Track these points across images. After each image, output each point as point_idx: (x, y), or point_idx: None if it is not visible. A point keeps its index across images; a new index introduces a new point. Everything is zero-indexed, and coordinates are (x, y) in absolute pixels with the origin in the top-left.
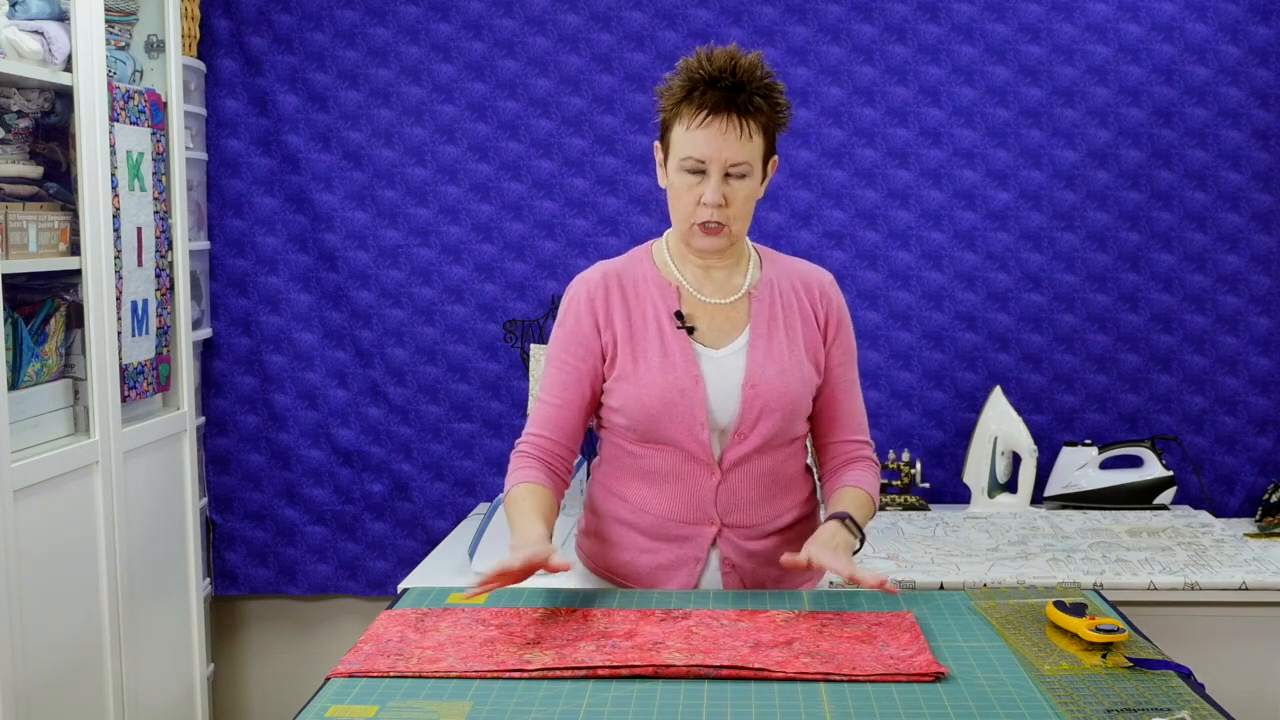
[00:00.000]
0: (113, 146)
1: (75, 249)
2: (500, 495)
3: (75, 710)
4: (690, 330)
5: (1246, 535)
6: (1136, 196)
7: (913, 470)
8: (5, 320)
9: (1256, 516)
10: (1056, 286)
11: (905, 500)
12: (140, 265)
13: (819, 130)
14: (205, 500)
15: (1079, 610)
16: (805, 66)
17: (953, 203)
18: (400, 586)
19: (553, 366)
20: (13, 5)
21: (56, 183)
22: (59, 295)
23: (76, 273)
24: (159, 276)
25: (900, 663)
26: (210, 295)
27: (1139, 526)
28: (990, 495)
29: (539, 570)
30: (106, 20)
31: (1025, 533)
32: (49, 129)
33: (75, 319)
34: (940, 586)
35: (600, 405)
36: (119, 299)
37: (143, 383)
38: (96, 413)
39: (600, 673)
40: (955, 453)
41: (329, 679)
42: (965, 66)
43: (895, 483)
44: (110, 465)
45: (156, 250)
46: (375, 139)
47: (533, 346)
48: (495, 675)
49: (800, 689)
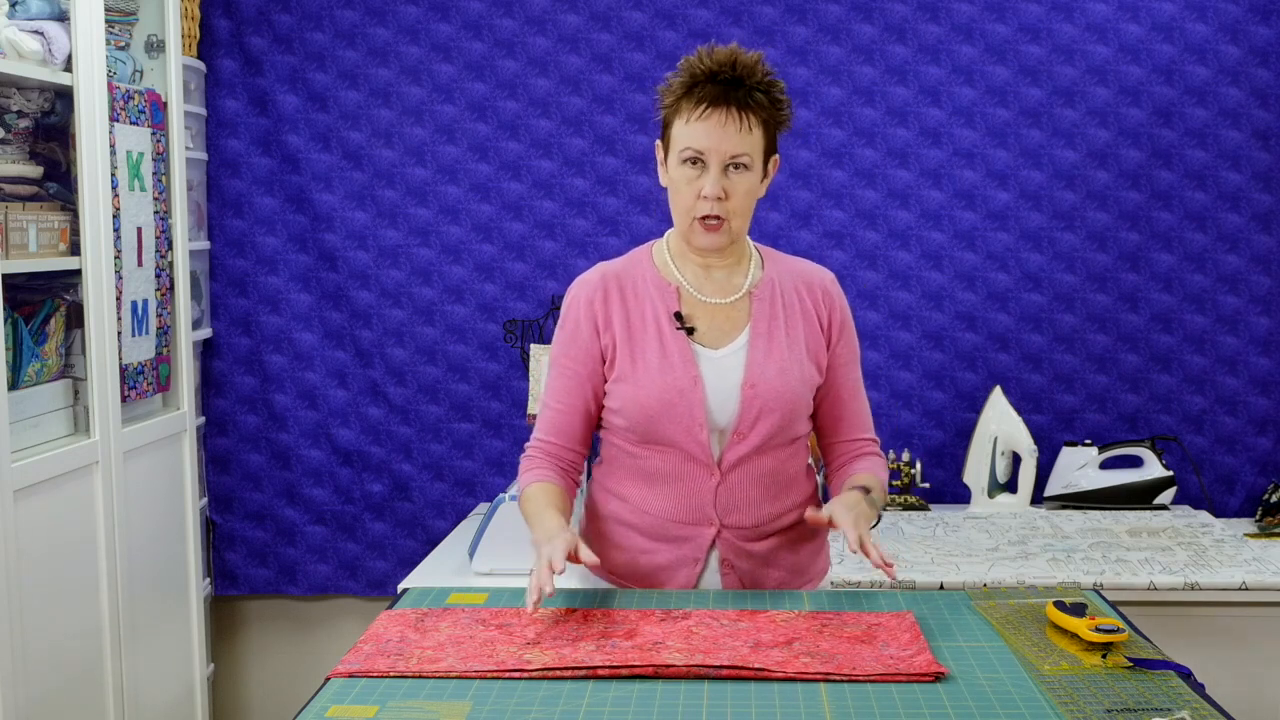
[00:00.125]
0: (113, 146)
1: (75, 249)
2: (500, 495)
3: (75, 710)
4: (690, 331)
5: (1246, 535)
6: (1136, 196)
7: (913, 470)
8: (5, 320)
9: (1256, 516)
10: (1056, 286)
11: (905, 500)
12: (140, 265)
13: (819, 130)
14: (205, 500)
15: (1079, 610)
16: (805, 66)
17: (953, 203)
18: (400, 586)
19: (555, 370)
20: (13, 5)
21: (56, 183)
22: (59, 295)
23: (76, 273)
24: (159, 276)
25: (900, 663)
26: (210, 295)
27: (1139, 526)
28: (990, 495)
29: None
30: (106, 20)
31: (1025, 533)
32: (49, 129)
33: (75, 319)
34: (940, 586)
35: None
36: (119, 299)
37: (143, 383)
38: (96, 413)
39: (600, 673)
40: (955, 453)
41: (329, 679)
42: (965, 66)
43: (895, 483)
44: (110, 465)
45: (156, 250)
46: (375, 139)
47: (533, 346)
48: (495, 675)
49: (800, 689)
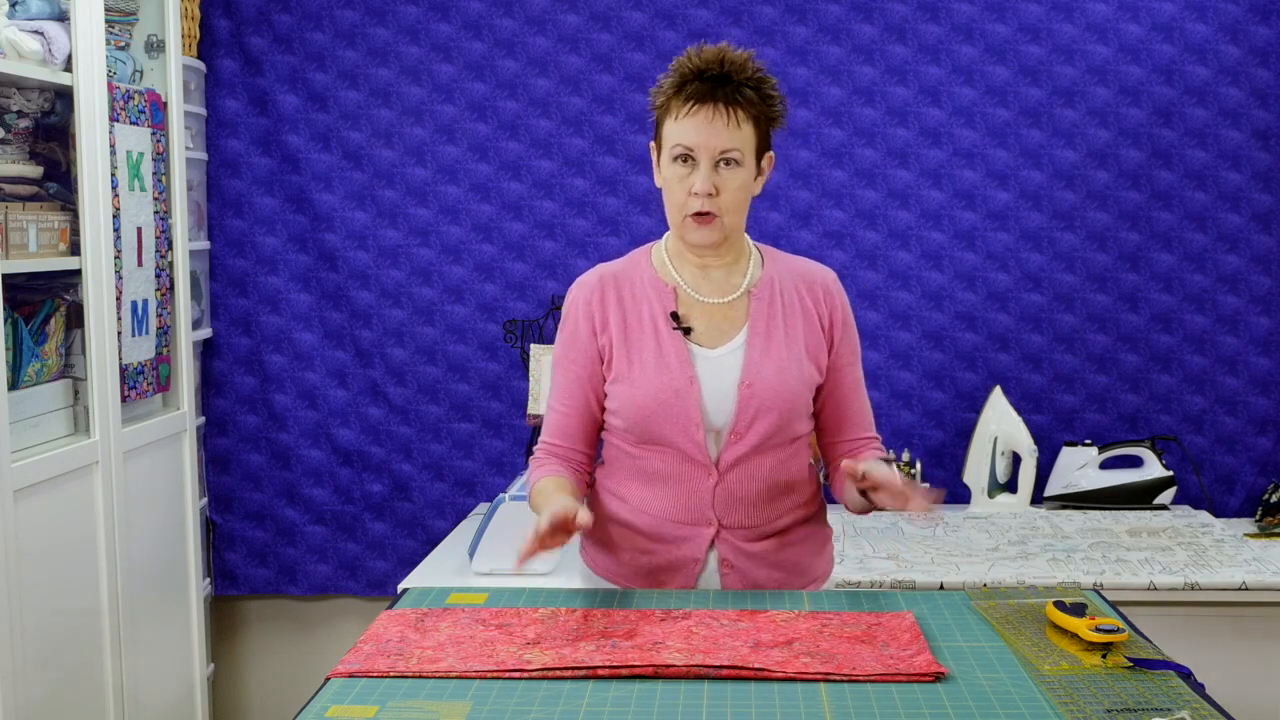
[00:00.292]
0: (113, 146)
1: (75, 249)
2: (500, 495)
3: (75, 710)
4: (686, 331)
5: (1246, 535)
6: (1136, 196)
7: (913, 470)
8: (5, 320)
9: (1256, 516)
10: (1056, 286)
11: None
12: (140, 265)
13: (819, 130)
14: (205, 500)
15: (1079, 610)
16: (805, 66)
17: (953, 203)
18: (400, 586)
19: (558, 373)
20: (13, 5)
21: (56, 183)
22: (59, 295)
23: (76, 273)
24: (159, 276)
25: (900, 663)
26: (210, 295)
27: (1139, 526)
28: (990, 495)
29: (570, 530)
30: (106, 20)
31: (1025, 533)
32: (49, 129)
33: (75, 319)
34: (940, 586)
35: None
36: (119, 299)
37: (143, 383)
38: (96, 413)
39: (600, 673)
40: (955, 453)
41: (329, 679)
42: (965, 66)
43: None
44: (110, 465)
45: (156, 250)
46: (375, 139)
47: (533, 346)
48: (495, 675)
49: (800, 689)
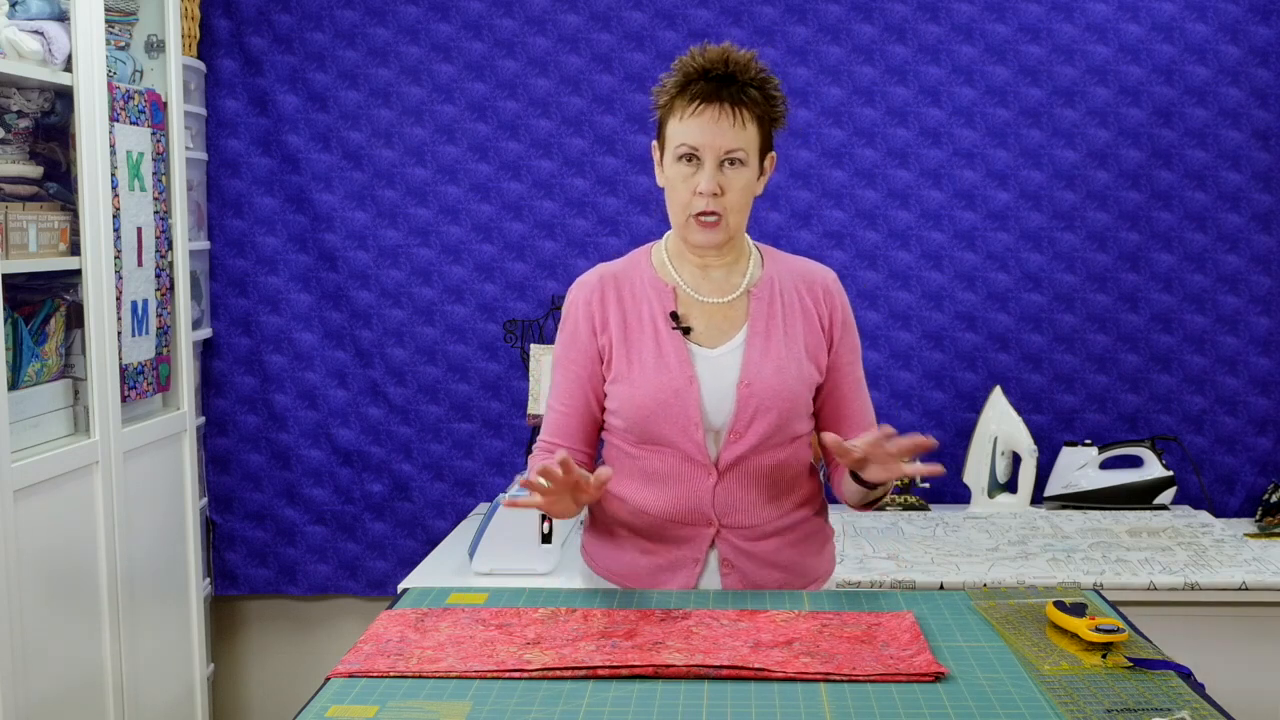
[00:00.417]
0: (113, 146)
1: (75, 249)
2: (500, 495)
3: (75, 710)
4: (686, 330)
5: (1246, 535)
6: (1136, 196)
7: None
8: (5, 320)
9: (1256, 516)
10: (1056, 286)
11: (905, 500)
12: (140, 265)
13: (819, 130)
14: (205, 500)
15: (1079, 610)
16: (805, 66)
17: (953, 203)
18: (400, 586)
19: (558, 372)
20: (13, 5)
21: (56, 183)
22: (59, 295)
23: (76, 273)
24: (159, 276)
25: (900, 663)
26: (210, 295)
27: (1139, 526)
28: (990, 495)
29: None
30: (106, 20)
31: (1025, 533)
32: (49, 129)
33: (75, 319)
34: (940, 586)
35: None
36: (119, 299)
37: (143, 383)
38: (96, 413)
39: (600, 673)
40: (955, 453)
41: (329, 679)
42: (965, 66)
43: (895, 483)
44: (110, 465)
45: (156, 250)
46: (375, 139)
47: (533, 346)
48: (495, 675)
49: (800, 689)
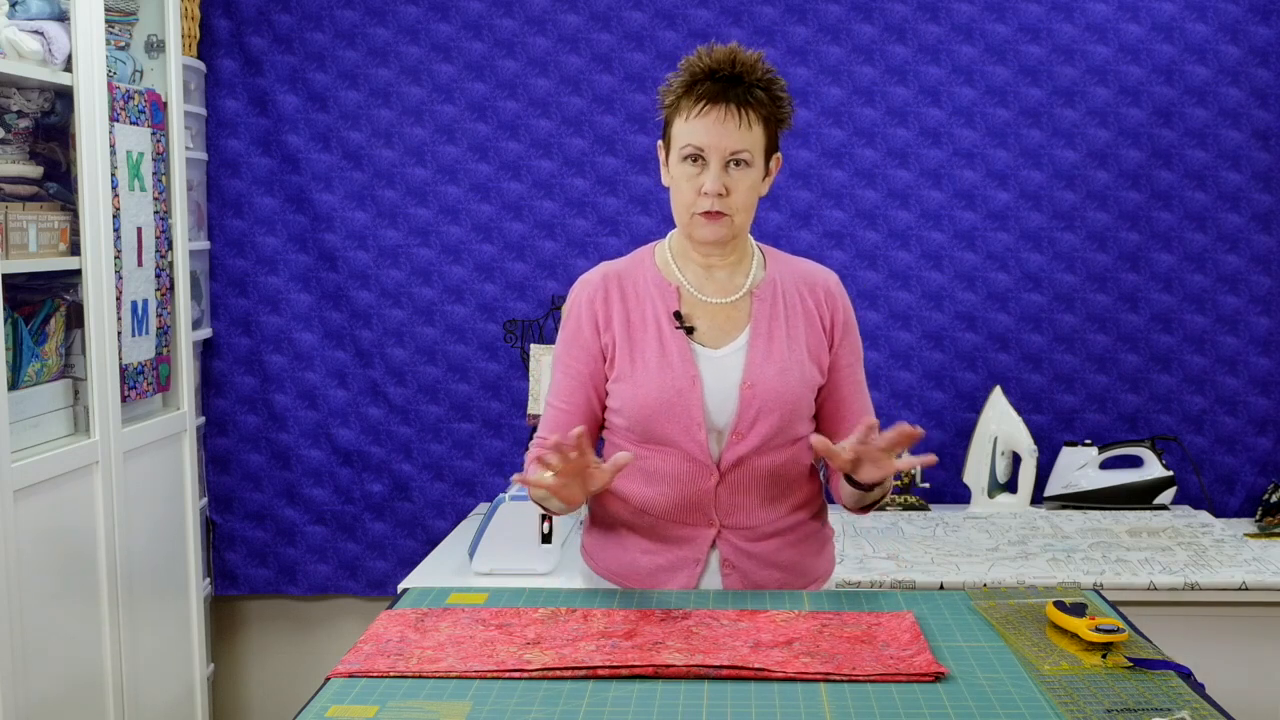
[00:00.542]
0: (113, 146)
1: (75, 249)
2: (500, 495)
3: (75, 710)
4: (689, 330)
5: (1246, 535)
6: (1136, 196)
7: (913, 470)
8: (5, 320)
9: (1256, 516)
10: (1056, 286)
11: (905, 500)
12: (140, 265)
13: (819, 130)
14: (205, 500)
15: (1079, 610)
16: (805, 66)
17: (953, 203)
18: (400, 586)
19: (559, 370)
20: (13, 5)
21: (56, 183)
22: (59, 295)
23: (76, 273)
24: (159, 276)
25: (900, 663)
26: (210, 295)
27: (1139, 526)
28: (990, 495)
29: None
30: (106, 20)
31: (1025, 533)
32: (49, 129)
33: (75, 319)
34: (940, 586)
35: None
36: (119, 299)
37: (143, 383)
38: (96, 413)
39: (600, 673)
40: (955, 453)
41: (329, 679)
42: (965, 66)
43: (895, 482)
44: (110, 465)
45: (156, 250)
46: (375, 139)
47: (533, 346)
48: (495, 675)
49: (800, 689)
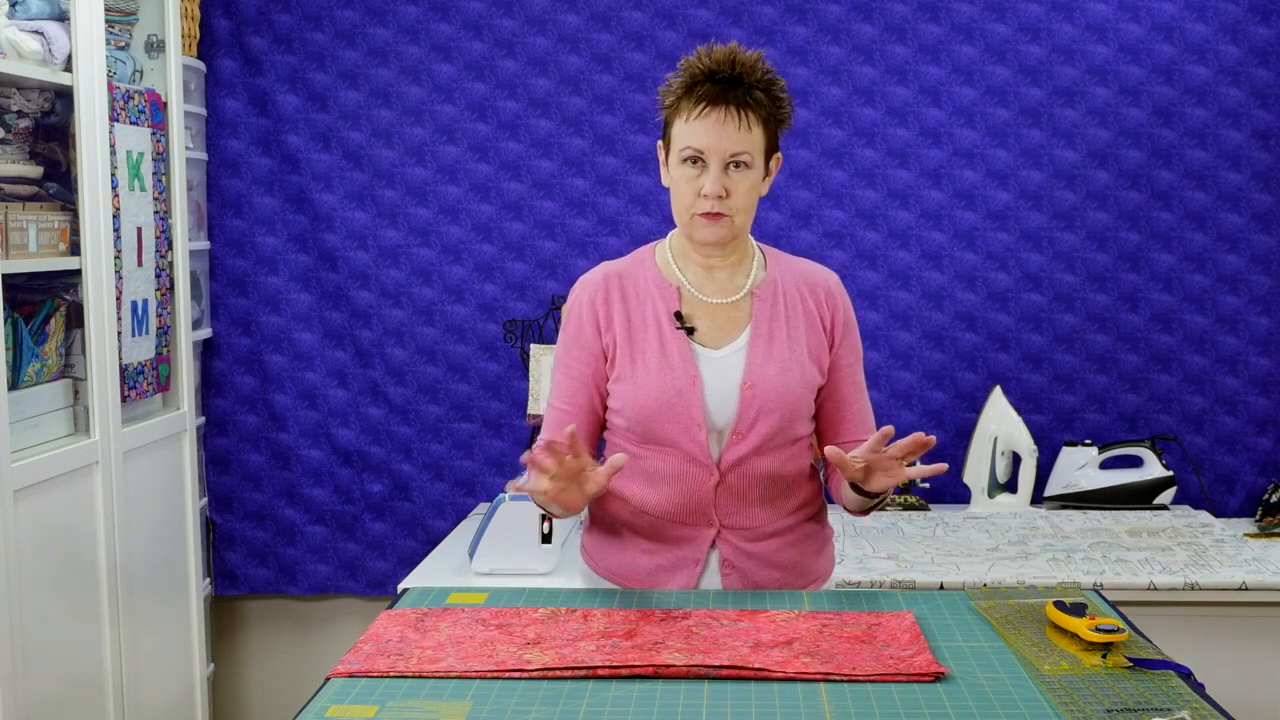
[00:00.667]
0: (113, 146)
1: (75, 249)
2: (500, 495)
3: (75, 710)
4: (690, 331)
5: (1246, 535)
6: (1136, 196)
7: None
8: (5, 320)
9: (1256, 516)
10: (1056, 286)
11: (905, 500)
12: (140, 265)
13: (819, 130)
14: (205, 500)
15: (1079, 610)
16: (805, 66)
17: (953, 203)
18: (400, 586)
19: (560, 370)
20: (13, 5)
21: (56, 183)
22: (59, 295)
23: (76, 273)
24: (159, 276)
25: (900, 663)
26: (210, 295)
27: (1139, 526)
28: (990, 495)
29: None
30: (106, 20)
31: (1025, 533)
32: (49, 129)
33: (75, 319)
34: (940, 586)
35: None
36: (119, 299)
37: (143, 383)
38: (96, 413)
39: (600, 673)
40: (955, 453)
41: (329, 679)
42: (965, 66)
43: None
44: (110, 465)
45: (156, 250)
46: (375, 139)
47: (533, 346)
48: (495, 675)
49: (800, 689)
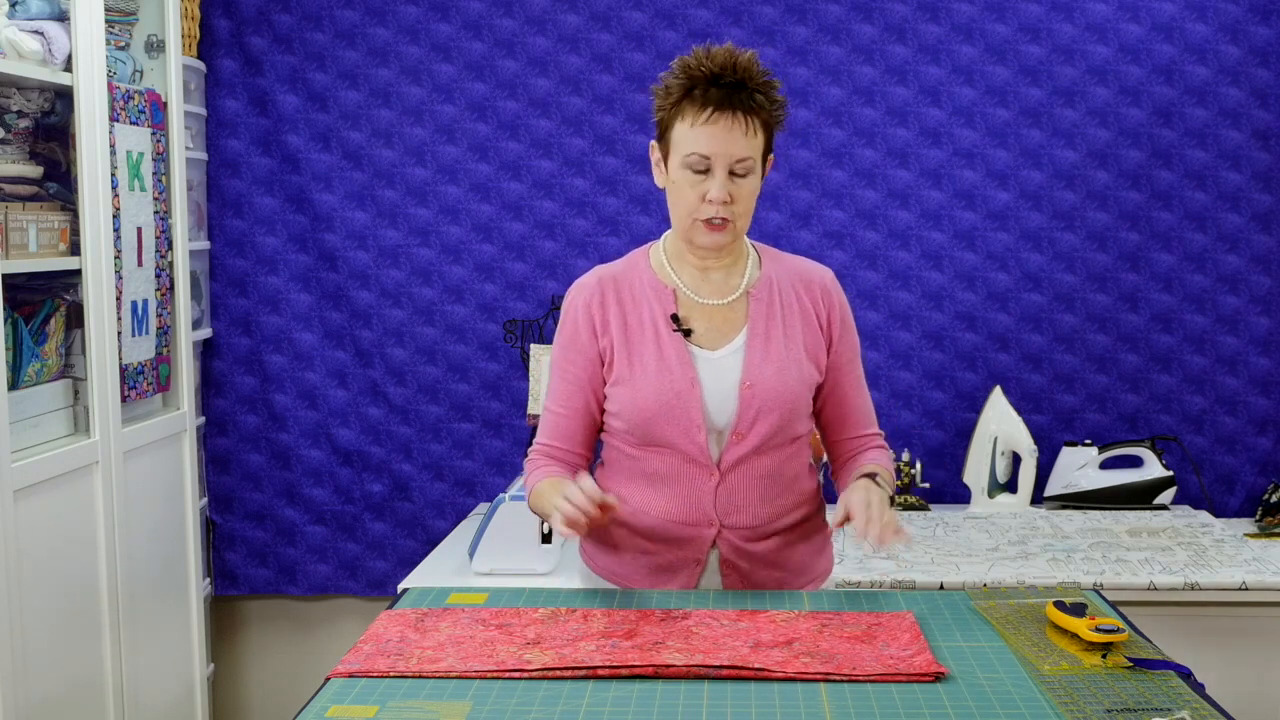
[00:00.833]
0: (113, 146)
1: (75, 249)
2: (500, 495)
3: (75, 710)
4: (687, 333)
5: (1246, 535)
6: (1136, 196)
7: (913, 470)
8: (5, 320)
9: (1256, 516)
10: (1056, 286)
11: (905, 500)
12: (140, 265)
13: (819, 130)
14: (205, 500)
15: (1079, 610)
16: (805, 66)
17: (953, 203)
18: (400, 586)
19: (556, 374)
20: (13, 5)
21: (56, 183)
22: (59, 295)
23: (76, 273)
24: (159, 276)
25: (900, 663)
26: (210, 295)
27: (1139, 526)
28: (990, 495)
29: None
30: (106, 20)
31: (1025, 533)
32: (49, 129)
33: (75, 319)
34: (940, 586)
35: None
36: (119, 299)
37: (143, 383)
38: (96, 413)
39: (600, 673)
40: (955, 453)
41: (329, 679)
42: (965, 66)
43: (896, 482)
44: (110, 465)
45: (156, 250)
46: (375, 139)
47: (533, 346)
48: (495, 675)
49: (800, 689)
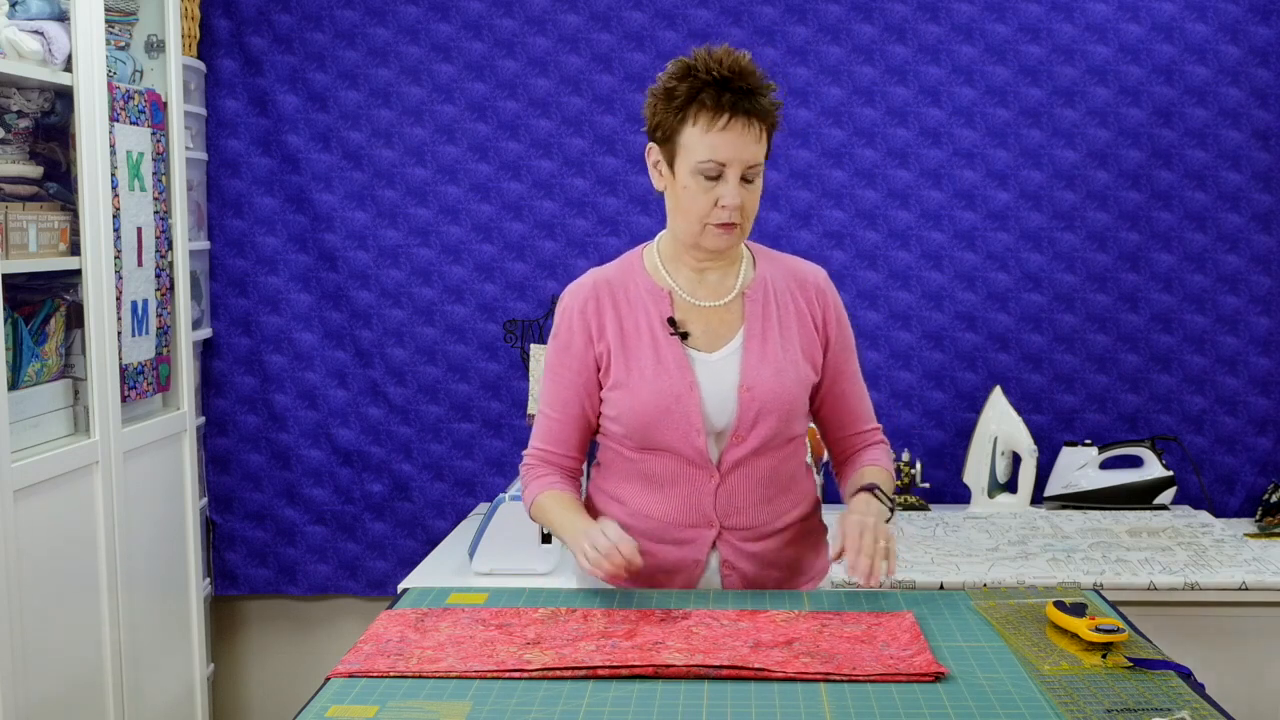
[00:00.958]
0: (113, 146)
1: (75, 249)
2: (500, 495)
3: (75, 710)
4: (684, 336)
5: (1246, 535)
6: (1136, 196)
7: (913, 470)
8: (5, 320)
9: (1256, 516)
10: (1056, 286)
11: (905, 500)
12: (140, 265)
13: (819, 130)
14: (205, 500)
15: (1079, 610)
16: (805, 66)
17: (953, 203)
18: (400, 586)
19: (550, 378)
20: (13, 5)
21: (56, 183)
22: (59, 295)
23: (76, 273)
24: (159, 276)
25: (900, 663)
26: (210, 295)
27: (1139, 526)
28: (990, 495)
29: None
30: (106, 20)
31: (1025, 533)
32: (49, 129)
33: (75, 319)
34: (940, 586)
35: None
36: (119, 299)
37: (143, 383)
38: (96, 413)
39: (600, 673)
40: (955, 453)
41: (329, 679)
42: (965, 66)
43: (896, 482)
44: (110, 465)
45: (156, 250)
46: (375, 139)
47: (533, 346)
48: (495, 675)
49: (800, 689)
